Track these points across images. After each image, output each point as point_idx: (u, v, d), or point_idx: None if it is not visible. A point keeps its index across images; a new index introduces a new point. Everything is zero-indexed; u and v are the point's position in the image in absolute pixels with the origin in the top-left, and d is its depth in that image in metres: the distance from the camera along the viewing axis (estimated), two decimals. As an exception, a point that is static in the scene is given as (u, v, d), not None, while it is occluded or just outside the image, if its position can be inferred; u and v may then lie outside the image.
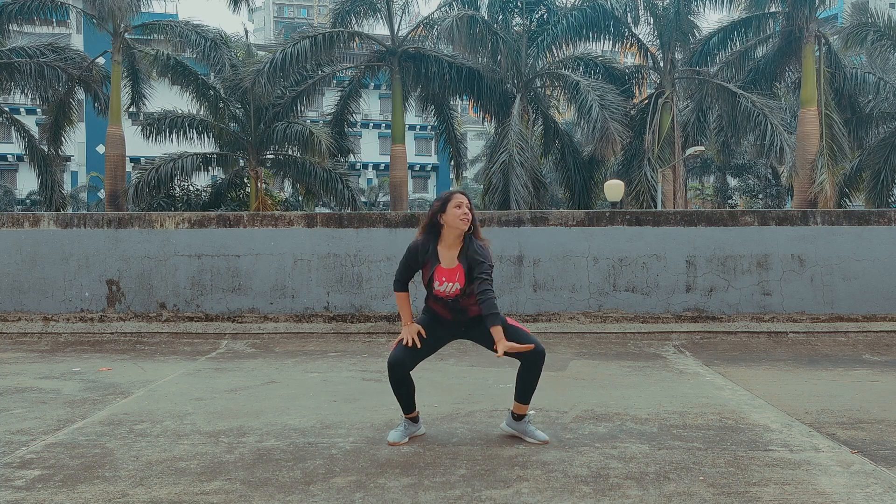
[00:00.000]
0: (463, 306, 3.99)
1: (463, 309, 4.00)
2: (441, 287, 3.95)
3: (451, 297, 3.97)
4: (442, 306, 4.03)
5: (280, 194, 32.74)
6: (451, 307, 4.00)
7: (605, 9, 22.08)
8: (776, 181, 35.98)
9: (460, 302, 3.98)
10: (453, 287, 3.94)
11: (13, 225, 8.10)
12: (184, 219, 8.04)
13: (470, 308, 3.99)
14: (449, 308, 4.01)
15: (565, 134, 25.17)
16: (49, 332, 7.77)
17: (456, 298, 3.97)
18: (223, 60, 22.42)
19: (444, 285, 3.94)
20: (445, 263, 3.97)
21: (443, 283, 3.95)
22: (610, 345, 7.30)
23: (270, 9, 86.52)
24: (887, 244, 7.81)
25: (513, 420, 4.10)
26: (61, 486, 3.36)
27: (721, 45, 23.18)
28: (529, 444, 4.00)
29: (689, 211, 8.29)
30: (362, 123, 48.55)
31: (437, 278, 3.96)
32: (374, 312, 7.88)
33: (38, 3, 21.88)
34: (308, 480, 3.44)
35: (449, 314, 4.03)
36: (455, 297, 3.96)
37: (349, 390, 5.39)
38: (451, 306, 4.00)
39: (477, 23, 21.24)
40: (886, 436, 4.19)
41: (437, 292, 3.97)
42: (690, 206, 32.70)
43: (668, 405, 4.89)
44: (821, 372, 6.14)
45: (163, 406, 4.89)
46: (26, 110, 37.17)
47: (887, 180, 23.12)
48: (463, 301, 3.97)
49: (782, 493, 3.27)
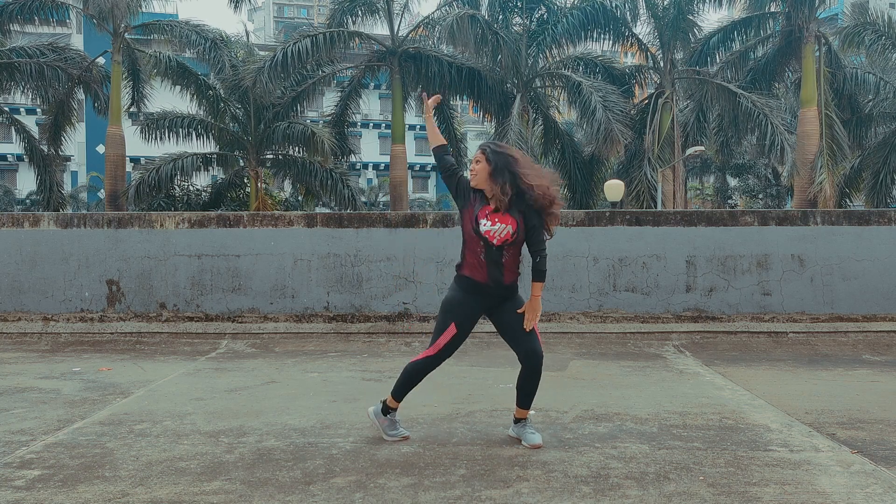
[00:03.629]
0: (502, 263, 3.82)
1: (501, 266, 3.82)
2: (493, 227, 3.76)
3: (496, 245, 3.78)
4: (479, 262, 3.83)
5: (280, 194, 32.74)
6: (490, 260, 3.80)
7: (605, 8, 22.09)
8: (776, 181, 35.97)
9: (503, 255, 3.81)
10: (505, 230, 3.77)
11: (13, 225, 8.11)
12: (184, 219, 8.04)
13: (506, 271, 3.85)
14: (487, 263, 3.81)
15: (565, 134, 25.18)
16: (49, 332, 7.77)
17: (501, 248, 3.79)
18: (223, 60, 22.43)
19: (497, 226, 3.76)
20: (495, 207, 3.82)
21: (495, 223, 3.77)
22: (610, 345, 7.30)
23: (270, 9, 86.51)
24: (887, 244, 7.81)
25: (513, 423, 4.12)
26: (61, 486, 3.36)
27: (721, 45, 23.19)
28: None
29: (689, 211, 8.29)
30: (362, 123, 48.58)
31: (485, 217, 3.80)
32: (374, 312, 7.88)
33: (38, 2, 21.88)
34: (308, 480, 3.44)
35: (486, 274, 3.83)
36: (500, 246, 3.78)
37: (349, 390, 5.39)
38: (490, 259, 3.80)
39: (477, 22, 21.24)
40: (886, 436, 4.19)
41: (486, 233, 3.76)
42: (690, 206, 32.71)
43: (668, 405, 4.89)
44: (821, 372, 6.14)
45: (163, 406, 4.89)
46: (26, 110, 37.16)
47: (887, 180, 23.12)
48: (506, 256, 3.82)
49: (782, 493, 3.27)
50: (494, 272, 3.83)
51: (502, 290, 3.90)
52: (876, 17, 21.55)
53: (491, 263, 3.82)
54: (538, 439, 3.96)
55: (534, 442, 3.94)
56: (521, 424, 4.06)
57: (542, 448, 3.92)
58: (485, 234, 3.78)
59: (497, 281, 3.85)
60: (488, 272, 3.84)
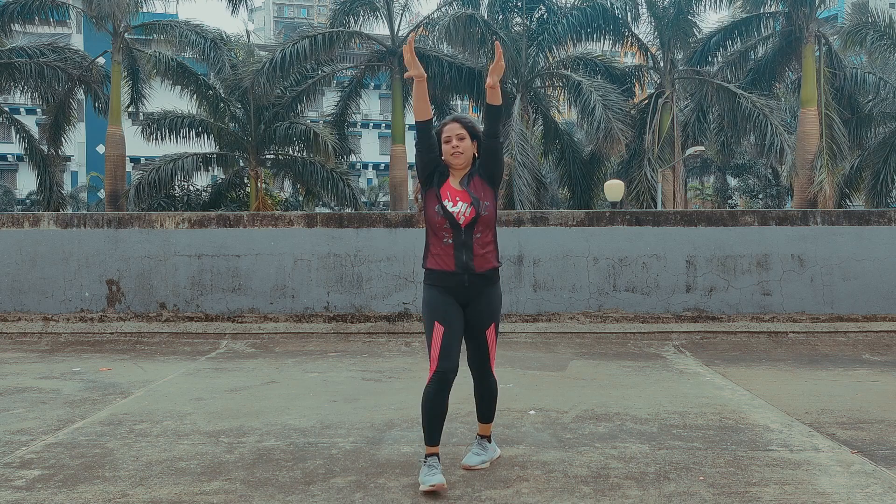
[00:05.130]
0: (470, 244, 3.47)
1: (469, 249, 3.47)
2: (455, 208, 3.46)
3: (462, 226, 3.46)
4: (446, 249, 3.49)
5: (280, 194, 32.74)
6: (458, 245, 3.46)
7: (605, 8, 22.09)
8: (776, 181, 35.96)
9: (472, 238, 3.47)
10: (467, 208, 3.46)
11: (13, 225, 8.10)
12: (184, 219, 8.04)
13: (476, 257, 3.48)
14: (454, 248, 3.47)
15: (565, 134, 25.18)
16: (49, 332, 7.77)
17: (468, 228, 3.46)
18: (223, 60, 22.44)
19: (458, 205, 3.47)
20: (455, 184, 3.55)
21: (457, 204, 3.47)
22: (610, 345, 7.30)
23: (270, 9, 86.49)
24: (887, 244, 7.81)
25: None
26: (61, 486, 3.36)
27: (721, 45, 23.20)
28: (529, 444, 4.00)
29: (689, 211, 8.28)
30: (362, 123, 48.52)
31: (448, 198, 3.50)
32: (374, 312, 7.88)
33: (38, 2, 21.88)
34: (308, 480, 3.44)
35: (453, 261, 3.47)
36: (467, 227, 3.45)
37: (349, 390, 5.39)
38: (457, 243, 3.46)
39: (476, 22, 21.23)
40: (886, 436, 4.19)
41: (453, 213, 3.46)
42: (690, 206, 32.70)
43: (668, 405, 4.89)
44: (821, 372, 6.14)
45: (163, 406, 4.89)
46: (26, 110, 37.14)
47: (887, 180, 23.12)
48: (476, 238, 3.48)
49: (782, 493, 3.27)
50: (462, 259, 3.48)
51: (475, 279, 3.49)
52: (876, 18, 21.56)
53: (459, 247, 3.48)
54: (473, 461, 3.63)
55: (466, 463, 3.63)
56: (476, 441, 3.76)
57: (543, 448, 3.91)
58: (454, 216, 3.47)
59: (466, 267, 3.47)
60: (455, 258, 3.48)
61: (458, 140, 3.54)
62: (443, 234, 3.50)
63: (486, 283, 3.55)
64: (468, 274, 3.49)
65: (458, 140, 3.54)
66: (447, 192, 3.52)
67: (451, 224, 3.48)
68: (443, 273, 3.52)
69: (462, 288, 3.51)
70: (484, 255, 3.52)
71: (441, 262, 3.52)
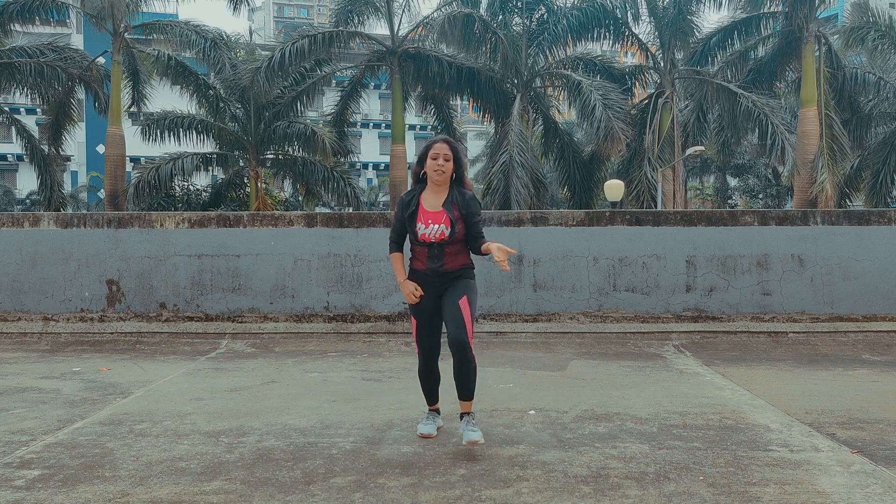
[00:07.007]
0: (441, 255, 3.95)
1: (440, 257, 3.95)
2: (426, 230, 3.93)
3: (435, 242, 3.93)
4: (421, 255, 4.00)
5: (280, 194, 32.72)
6: (431, 254, 3.95)
7: (605, 8, 22.11)
8: (776, 181, 35.97)
9: (444, 250, 3.95)
10: (438, 230, 3.93)
11: (13, 225, 8.11)
12: (184, 219, 8.04)
13: (446, 260, 3.96)
14: (427, 255, 3.96)
15: (565, 134, 25.18)
16: (49, 332, 7.77)
17: (441, 244, 3.94)
18: (223, 60, 22.45)
19: (430, 228, 3.93)
20: (429, 206, 3.98)
21: (428, 226, 3.93)
22: (610, 345, 7.30)
23: (270, 9, 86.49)
24: (887, 244, 7.81)
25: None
26: (61, 486, 3.37)
27: (721, 45, 23.19)
28: (529, 444, 4.00)
29: (689, 211, 8.28)
30: (362, 123, 48.57)
31: (421, 221, 3.95)
32: (374, 312, 7.88)
33: (38, 2, 21.88)
34: (308, 480, 3.45)
35: (426, 264, 3.98)
36: (439, 243, 3.93)
37: (349, 390, 5.39)
38: (430, 253, 3.95)
39: (473, 21, 21.22)
40: (886, 436, 4.19)
41: (422, 236, 3.93)
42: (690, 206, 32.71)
43: (668, 405, 4.89)
44: (821, 372, 6.14)
45: (163, 406, 4.89)
46: (26, 110, 37.16)
47: (887, 180, 23.12)
48: (447, 249, 3.95)
49: (782, 493, 3.27)
50: (433, 262, 3.98)
51: (445, 275, 3.99)
52: (877, 17, 21.56)
53: (432, 257, 3.98)
54: (475, 436, 3.84)
55: (470, 438, 3.83)
56: (463, 420, 4.01)
57: (543, 448, 3.91)
58: (422, 239, 3.95)
59: (434, 270, 3.98)
60: (427, 262, 3.99)
61: (444, 160, 3.96)
62: (419, 248, 4.02)
63: (457, 276, 4.02)
64: (438, 276, 4.00)
65: (444, 160, 3.96)
66: (420, 216, 3.99)
67: (424, 242, 3.98)
68: (416, 271, 4.06)
69: (431, 283, 4.01)
70: (454, 258, 4.01)
71: (417, 263, 4.06)
